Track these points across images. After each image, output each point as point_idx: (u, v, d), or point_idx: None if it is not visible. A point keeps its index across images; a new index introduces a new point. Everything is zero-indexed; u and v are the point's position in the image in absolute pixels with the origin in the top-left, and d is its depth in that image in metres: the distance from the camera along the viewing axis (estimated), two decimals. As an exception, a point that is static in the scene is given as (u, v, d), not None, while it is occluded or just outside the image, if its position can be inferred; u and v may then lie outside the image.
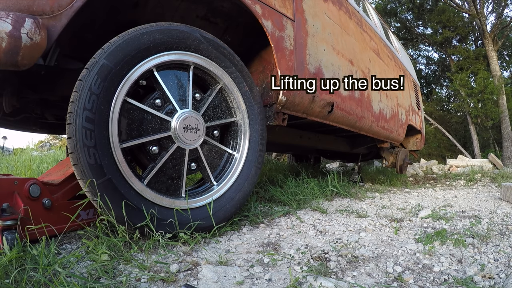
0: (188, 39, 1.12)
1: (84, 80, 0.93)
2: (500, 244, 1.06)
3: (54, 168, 1.33)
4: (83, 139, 0.90)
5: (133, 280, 0.77)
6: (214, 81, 1.24)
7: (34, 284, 0.69)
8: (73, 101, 0.92)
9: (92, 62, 0.95)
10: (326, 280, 0.77)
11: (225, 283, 0.77)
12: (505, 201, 1.97)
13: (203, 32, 1.17)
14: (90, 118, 0.92)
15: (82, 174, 0.90)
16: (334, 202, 1.85)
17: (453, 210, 1.68)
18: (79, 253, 0.86)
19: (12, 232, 0.87)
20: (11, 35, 0.85)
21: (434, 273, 0.84)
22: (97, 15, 1.25)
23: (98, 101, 0.93)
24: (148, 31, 1.04)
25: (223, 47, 1.22)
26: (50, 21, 0.94)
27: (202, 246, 1.02)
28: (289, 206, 1.61)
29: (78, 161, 0.90)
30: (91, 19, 1.24)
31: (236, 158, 1.27)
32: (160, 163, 1.07)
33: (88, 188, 0.90)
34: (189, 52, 1.14)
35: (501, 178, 3.03)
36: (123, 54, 0.98)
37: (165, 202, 1.05)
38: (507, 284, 0.75)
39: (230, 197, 1.21)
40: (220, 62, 1.21)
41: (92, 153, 0.91)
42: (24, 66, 0.89)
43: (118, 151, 0.97)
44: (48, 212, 1.01)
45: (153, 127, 1.08)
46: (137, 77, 1.02)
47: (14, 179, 0.97)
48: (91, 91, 0.92)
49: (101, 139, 0.94)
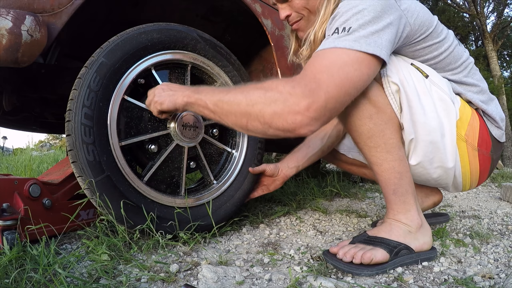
0: (186, 38, 1.13)
1: (83, 77, 0.94)
2: (500, 244, 1.06)
3: (54, 168, 1.33)
4: (82, 136, 0.91)
5: (133, 280, 0.77)
6: (212, 80, 1.24)
7: (34, 284, 0.69)
8: (72, 98, 0.93)
9: (91, 60, 0.96)
10: (326, 280, 0.77)
11: (225, 283, 0.77)
12: (505, 201, 1.97)
13: (200, 32, 1.19)
14: (89, 115, 0.93)
15: (81, 171, 0.91)
16: (334, 202, 1.85)
17: (453, 210, 1.68)
18: (79, 253, 0.86)
19: (12, 232, 0.87)
20: (12, 32, 0.85)
21: (434, 273, 0.84)
22: (97, 13, 1.25)
23: (97, 99, 0.94)
24: (146, 31, 1.05)
25: (219, 47, 1.23)
26: (51, 18, 0.94)
27: (202, 246, 1.02)
28: (289, 206, 1.61)
29: (77, 158, 0.90)
30: (91, 18, 1.24)
31: (235, 156, 1.27)
32: (159, 161, 1.07)
33: (87, 186, 0.91)
34: (187, 52, 1.14)
35: (501, 178, 3.04)
36: (121, 53, 0.99)
37: (165, 201, 1.05)
38: (507, 284, 0.75)
39: (230, 195, 1.21)
40: (218, 61, 1.22)
41: (91, 150, 0.92)
42: (24, 63, 0.89)
43: (117, 149, 0.98)
44: (48, 212, 1.01)
45: (152, 125, 1.09)
46: (135, 75, 1.03)
47: (14, 179, 0.97)
48: (90, 88, 0.93)
49: (100, 136, 0.94)
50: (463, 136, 0.93)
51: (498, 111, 1.01)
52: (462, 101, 0.96)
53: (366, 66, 0.78)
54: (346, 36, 0.78)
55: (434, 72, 0.95)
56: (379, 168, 0.92)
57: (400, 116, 0.91)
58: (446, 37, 0.95)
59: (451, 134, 0.92)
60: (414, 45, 0.92)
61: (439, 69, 0.96)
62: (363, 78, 0.79)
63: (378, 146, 0.90)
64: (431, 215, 1.28)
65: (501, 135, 1.02)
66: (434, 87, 0.91)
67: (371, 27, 0.79)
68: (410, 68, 0.92)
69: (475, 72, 1.01)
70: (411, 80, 0.89)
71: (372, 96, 0.88)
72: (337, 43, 0.78)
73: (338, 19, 0.82)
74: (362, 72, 0.78)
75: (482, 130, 0.97)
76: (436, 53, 0.94)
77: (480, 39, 14.75)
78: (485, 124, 0.98)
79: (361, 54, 0.77)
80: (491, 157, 1.00)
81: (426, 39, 0.92)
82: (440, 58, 0.95)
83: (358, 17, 0.79)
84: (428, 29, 0.91)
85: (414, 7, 0.90)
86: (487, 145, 0.98)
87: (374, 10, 0.80)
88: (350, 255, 0.85)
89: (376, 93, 0.89)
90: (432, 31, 0.91)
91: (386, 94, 0.90)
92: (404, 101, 0.89)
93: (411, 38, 0.91)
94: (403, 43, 0.90)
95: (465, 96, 0.98)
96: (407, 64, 0.92)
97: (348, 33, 0.78)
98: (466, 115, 0.94)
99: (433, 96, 0.90)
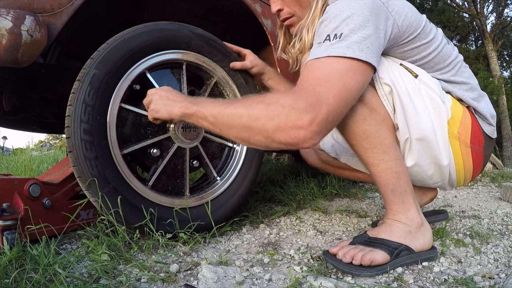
0: (178, 36, 1.11)
1: (78, 92, 0.92)
2: (500, 244, 1.06)
3: (54, 168, 1.33)
4: (84, 151, 0.90)
5: (133, 280, 0.77)
6: (209, 76, 1.22)
7: (34, 284, 0.69)
8: (69, 115, 0.91)
9: (83, 73, 0.94)
10: (326, 280, 0.77)
11: (225, 283, 0.77)
12: (505, 201, 1.97)
13: (193, 28, 1.15)
14: (88, 130, 0.92)
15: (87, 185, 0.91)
16: (334, 202, 1.85)
17: (453, 210, 1.68)
18: (79, 253, 0.86)
19: (12, 232, 0.87)
20: (12, 32, 0.85)
21: (434, 273, 0.84)
22: (98, 13, 1.25)
23: (93, 112, 0.93)
24: (135, 34, 1.02)
25: (213, 40, 1.19)
26: (51, 18, 0.94)
27: (202, 246, 1.02)
28: (289, 206, 1.61)
29: (82, 173, 0.91)
30: (92, 18, 1.24)
31: (237, 150, 1.27)
32: (162, 165, 1.07)
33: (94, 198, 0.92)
34: (181, 50, 1.12)
35: (501, 178, 3.03)
36: (112, 61, 0.97)
37: (165, 201, 1.05)
38: (507, 284, 0.75)
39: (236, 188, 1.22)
40: (213, 56, 1.19)
41: (95, 164, 0.91)
42: (24, 63, 0.89)
43: (119, 158, 0.97)
44: (48, 212, 1.01)
45: (152, 129, 1.08)
46: (130, 82, 1.01)
47: (14, 179, 0.97)
48: (85, 103, 0.92)
49: (101, 149, 0.94)
50: (455, 134, 0.94)
51: (488, 108, 1.02)
52: (454, 100, 0.97)
53: (360, 73, 0.79)
54: (339, 43, 0.78)
55: (423, 71, 0.95)
56: (376, 169, 0.92)
57: (394, 117, 0.92)
58: (435, 37, 0.95)
59: (442, 132, 0.92)
60: (402, 47, 0.93)
61: (427, 68, 0.97)
62: (359, 86, 0.80)
63: (374, 147, 0.90)
64: (430, 213, 1.28)
65: (492, 131, 1.03)
66: (423, 86, 0.92)
67: (362, 32, 0.79)
68: (400, 68, 0.92)
69: (464, 70, 1.01)
70: (402, 81, 0.90)
71: (365, 98, 0.88)
72: (330, 51, 0.78)
73: (328, 25, 0.83)
74: (358, 80, 0.79)
75: (474, 127, 0.98)
76: (425, 53, 0.94)
77: (480, 39, 14.75)
78: (477, 121, 0.99)
79: (355, 62, 0.78)
80: (484, 153, 1.02)
81: (414, 40, 0.92)
82: (428, 59, 0.95)
83: (348, 22, 0.80)
84: (416, 30, 0.91)
85: (403, 7, 0.90)
86: (480, 141, 0.99)
87: (362, 14, 0.81)
88: (350, 255, 0.85)
89: (369, 95, 0.89)
90: (420, 32, 0.92)
91: (379, 95, 0.91)
92: (397, 101, 0.90)
93: (398, 40, 0.91)
94: (390, 44, 0.91)
95: (455, 94, 0.99)
96: (396, 64, 0.93)
97: (341, 39, 0.79)
98: (458, 113, 0.95)
99: (423, 95, 0.91)
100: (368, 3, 0.83)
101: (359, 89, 0.80)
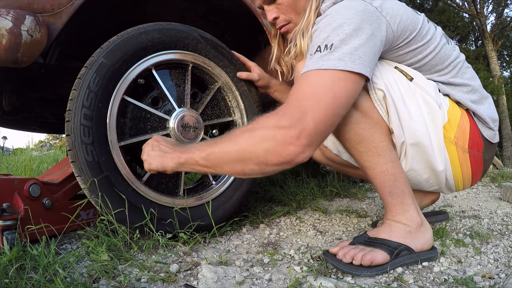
0: (186, 38, 1.13)
1: (83, 78, 0.94)
2: (500, 244, 1.06)
3: (54, 168, 1.33)
4: (81, 136, 0.91)
5: (133, 280, 0.77)
6: (213, 80, 1.23)
7: (34, 284, 0.69)
8: (72, 98, 0.93)
9: (91, 60, 0.96)
10: (326, 280, 0.77)
11: (225, 283, 0.77)
12: (505, 201, 1.97)
13: (202, 32, 1.18)
14: (88, 115, 0.93)
15: (80, 171, 0.91)
16: (334, 202, 1.85)
17: (453, 210, 1.68)
18: (79, 253, 0.86)
19: (12, 232, 0.87)
20: (12, 32, 0.85)
21: (434, 273, 0.84)
22: (98, 13, 1.25)
23: (96, 99, 0.94)
24: (146, 31, 1.04)
25: (221, 47, 1.22)
26: (50, 18, 0.94)
27: (202, 246, 1.02)
28: (289, 206, 1.61)
29: (76, 158, 0.91)
30: (91, 18, 1.24)
31: None
32: None
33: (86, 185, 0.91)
34: (188, 52, 1.14)
35: (501, 178, 3.03)
36: (121, 53, 0.99)
37: (164, 201, 1.05)
38: (507, 284, 0.75)
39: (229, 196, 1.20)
40: (219, 61, 1.21)
41: (90, 150, 0.92)
42: (24, 63, 0.89)
43: (116, 149, 0.98)
44: (48, 212, 1.01)
45: (151, 125, 1.08)
46: (135, 75, 1.03)
47: (14, 179, 0.97)
48: (89, 89, 0.93)
49: (99, 137, 0.94)
50: (452, 139, 0.92)
51: (489, 112, 0.98)
52: (451, 103, 0.95)
53: (352, 83, 0.78)
54: (329, 55, 0.77)
55: (419, 74, 0.93)
56: (373, 172, 0.91)
57: (388, 121, 0.90)
58: (432, 37, 0.93)
59: (437, 137, 0.91)
60: (397, 50, 0.91)
61: (424, 71, 0.95)
62: (350, 96, 0.78)
63: (368, 150, 0.89)
64: (430, 214, 1.28)
65: (492, 136, 0.99)
66: (418, 90, 0.90)
67: (354, 41, 0.77)
68: (394, 72, 0.91)
69: (465, 70, 0.98)
70: (395, 85, 0.89)
71: (357, 102, 0.87)
72: (321, 64, 0.77)
73: (319, 35, 0.81)
74: (349, 89, 0.77)
75: (473, 131, 0.95)
76: (421, 56, 0.92)
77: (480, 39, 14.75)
78: (476, 125, 0.96)
79: (346, 73, 0.76)
80: (484, 158, 0.99)
81: (410, 43, 0.90)
82: (425, 61, 0.93)
83: (338, 32, 0.78)
84: (412, 33, 0.89)
85: (397, 10, 0.88)
86: (479, 146, 0.96)
87: (353, 23, 0.79)
88: (350, 256, 0.85)
89: (362, 99, 0.88)
90: (416, 34, 0.90)
91: (372, 100, 0.90)
92: (391, 106, 0.88)
93: (394, 44, 0.89)
94: (385, 49, 0.89)
95: (454, 97, 0.96)
96: (391, 68, 0.92)
97: (331, 50, 0.77)
98: (455, 117, 0.93)
99: (418, 99, 0.89)
100: (360, 10, 0.81)
101: (350, 98, 0.79)
